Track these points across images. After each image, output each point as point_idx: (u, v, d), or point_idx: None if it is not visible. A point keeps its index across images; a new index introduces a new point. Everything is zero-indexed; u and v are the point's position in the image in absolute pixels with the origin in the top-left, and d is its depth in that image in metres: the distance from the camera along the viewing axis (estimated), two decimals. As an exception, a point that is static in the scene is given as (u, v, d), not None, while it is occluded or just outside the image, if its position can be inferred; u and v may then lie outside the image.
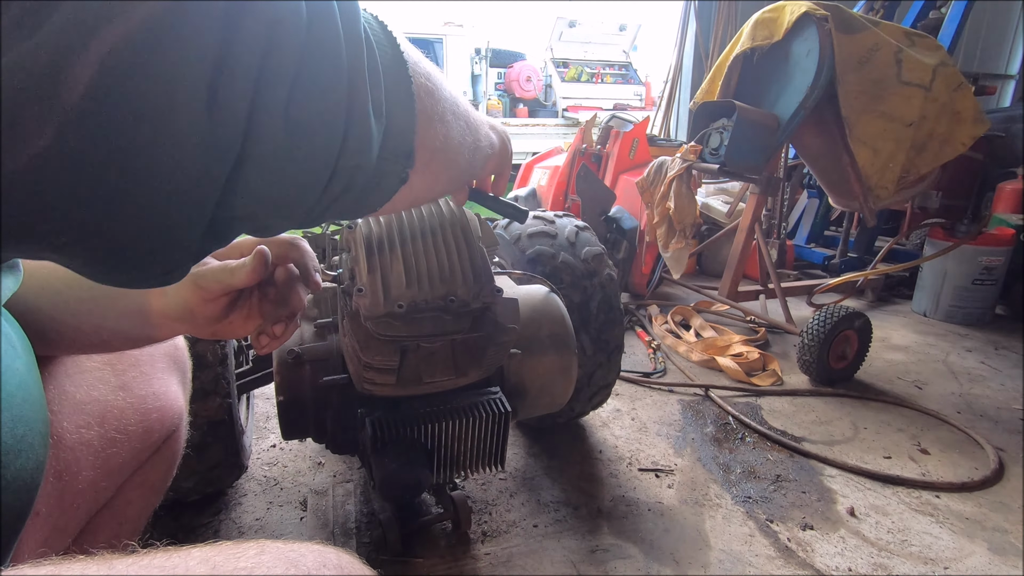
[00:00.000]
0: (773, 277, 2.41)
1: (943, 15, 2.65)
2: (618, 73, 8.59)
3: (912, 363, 2.35)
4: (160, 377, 0.73)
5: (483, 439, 1.08)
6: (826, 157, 2.34)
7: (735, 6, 5.52)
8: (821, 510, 1.44)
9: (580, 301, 1.45)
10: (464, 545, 1.27)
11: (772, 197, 3.11)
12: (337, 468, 1.53)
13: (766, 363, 2.25)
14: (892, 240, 2.86)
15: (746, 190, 3.07)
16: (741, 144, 2.10)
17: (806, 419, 1.89)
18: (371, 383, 0.95)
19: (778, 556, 1.28)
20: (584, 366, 1.44)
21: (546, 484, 1.50)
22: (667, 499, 1.46)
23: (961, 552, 1.31)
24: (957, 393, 2.10)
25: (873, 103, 2.02)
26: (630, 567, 1.23)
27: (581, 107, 7.87)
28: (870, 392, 2.08)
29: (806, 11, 2.01)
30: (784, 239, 3.37)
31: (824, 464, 1.63)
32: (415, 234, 0.92)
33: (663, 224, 2.45)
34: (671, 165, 2.40)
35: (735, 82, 2.30)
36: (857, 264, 3.27)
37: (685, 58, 5.93)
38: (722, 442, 1.73)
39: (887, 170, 2.07)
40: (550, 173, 3.57)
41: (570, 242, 1.51)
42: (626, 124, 3.34)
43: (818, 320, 2.07)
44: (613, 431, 1.77)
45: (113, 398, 0.66)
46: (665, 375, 2.19)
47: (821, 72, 1.97)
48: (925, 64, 2.04)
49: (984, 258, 2.68)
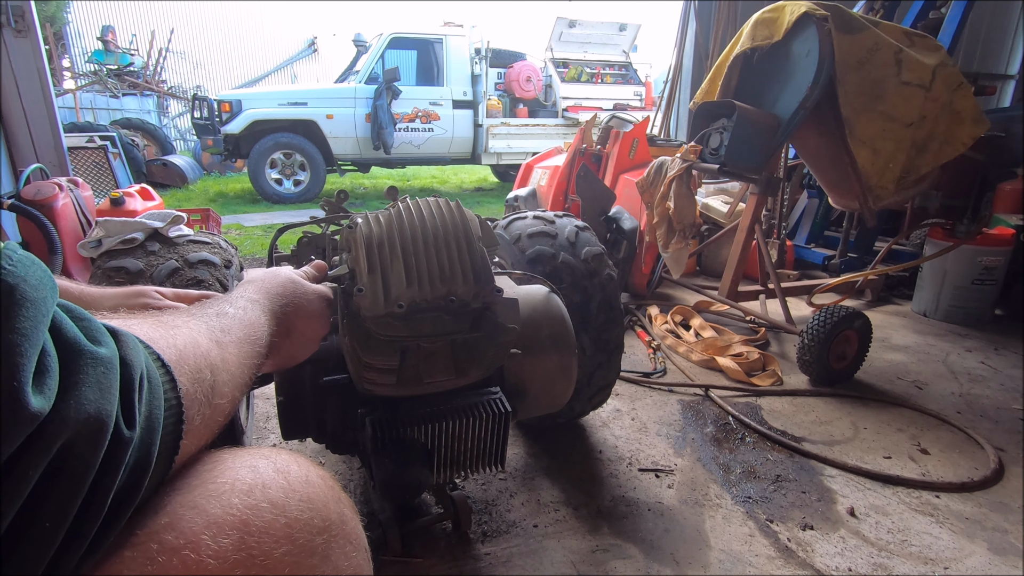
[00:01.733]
0: (773, 277, 2.41)
1: (943, 15, 2.65)
2: (618, 73, 8.57)
3: (912, 363, 2.35)
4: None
5: (483, 439, 1.08)
6: (826, 157, 2.34)
7: (735, 6, 5.51)
8: (821, 510, 1.44)
9: (580, 301, 1.44)
10: (464, 545, 1.27)
11: (772, 197, 3.11)
12: (337, 468, 1.53)
13: (766, 363, 2.25)
14: (892, 240, 2.86)
15: (746, 190, 3.07)
16: (741, 144, 2.10)
17: (806, 419, 1.89)
18: (371, 383, 0.95)
19: (778, 556, 1.28)
20: (584, 366, 1.44)
21: (546, 484, 1.50)
22: (667, 499, 1.45)
23: (961, 552, 1.31)
24: (957, 393, 2.10)
25: (873, 103, 2.02)
26: (630, 567, 1.23)
27: (581, 107, 7.86)
28: (870, 392, 2.07)
29: (806, 11, 2.00)
30: (784, 239, 3.37)
31: (824, 464, 1.63)
32: (415, 234, 0.92)
33: (663, 224, 2.45)
34: (671, 165, 2.39)
35: (735, 82, 2.30)
36: (857, 264, 3.27)
37: (685, 58, 5.92)
38: (722, 442, 1.73)
39: (887, 170, 2.06)
40: (550, 173, 3.57)
41: (570, 242, 1.51)
42: (626, 124, 3.34)
43: (818, 320, 2.07)
44: (613, 431, 1.77)
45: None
46: (665, 375, 2.19)
47: (821, 72, 1.97)
48: (925, 64, 2.04)
49: (984, 258, 2.68)
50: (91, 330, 0.35)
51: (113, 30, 10.50)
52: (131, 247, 1.23)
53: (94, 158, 4.99)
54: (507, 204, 3.65)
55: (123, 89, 9.53)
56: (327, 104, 6.68)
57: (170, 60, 12.06)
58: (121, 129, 7.10)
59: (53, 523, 0.30)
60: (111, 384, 0.33)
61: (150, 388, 0.38)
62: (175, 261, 1.21)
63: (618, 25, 8.48)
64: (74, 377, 0.31)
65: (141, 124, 8.32)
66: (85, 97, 8.92)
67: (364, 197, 7.18)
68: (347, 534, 0.48)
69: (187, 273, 1.19)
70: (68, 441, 0.30)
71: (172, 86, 11.85)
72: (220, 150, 6.66)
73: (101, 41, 10.12)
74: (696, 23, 5.75)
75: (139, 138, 7.52)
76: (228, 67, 13.75)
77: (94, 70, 9.95)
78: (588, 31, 8.37)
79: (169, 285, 1.14)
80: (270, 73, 13.99)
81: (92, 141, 5.01)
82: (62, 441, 0.30)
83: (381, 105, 6.62)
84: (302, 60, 14.28)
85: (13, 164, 3.11)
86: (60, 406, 0.30)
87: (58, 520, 0.30)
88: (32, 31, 3.03)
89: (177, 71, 12.50)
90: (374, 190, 7.84)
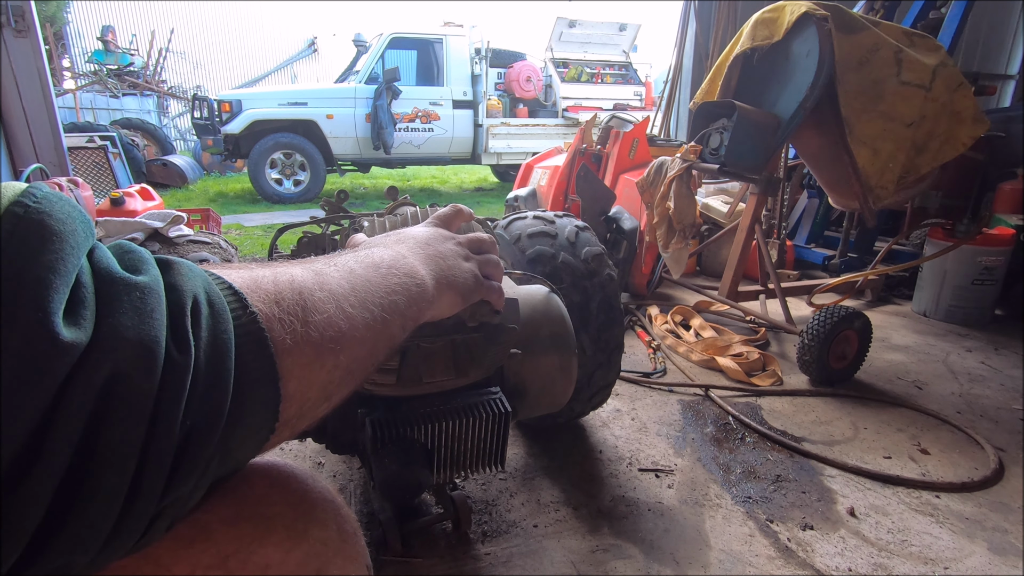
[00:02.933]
0: (773, 277, 2.41)
1: (943, 15, 2.65)
2: (618, 73, 8.58)
3: (912, 363, 2.35)
4: None
5: (483, 439, 1.08)
6: (826, 157, 2.34)
7: (735, 6, 5.51)
8: (821, 510, 1.44)
9: (580, 301, 1.45)
10: (464, 545, 1.27)
11: (772, 197, 3.11)
12: (337, 468, 1.53)
13: (766, 363, 2.25)
14: (892, 240, 2.86)
15: (746, 190, 3.07)
16: (741, 144, 2.10)
17: (806, 419, 1.89)
18: (371, 383, 0.95)
19: (778, 556, 1.28)
20: (584, 366, 1.44)
21: (546, 484, 1.50)
22: (667, 499, 1.45)
23: (961, 552, 1.31)
24: (957, 393, 2.10)
25: (873, 103, 2.02)
26: (630, 567, 1.23)
27: (581, 107, 7.86)
28: (870, 392, 2.08)
29: (806, 11, 2.00)
30: (784, 239, 3.37)
31: (824, 464, 1.63)
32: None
33: (663, 224, 2.45)
34: (671, 165, 2.39)
35: (735, 82, 2.30)
36: (857, 264, 3.27)
37: (685, 58, 5.92)
38: (722, 442, 1.73)
39: (887, 170, 2.06)
40: (550, 173, 3.57)
41: (570, 242, 1.51)
42: (626, 124, 3.34)
43: (818, 320, 2.07)
44: (613, 431, 1.77)
45: None
46: (665, 375, 2.19)
47: (821, 72, 1.97)
48: (925, 64, 2.04)
49: (984, 258, 2.68)
50: (135, 260, 0.34)
51: (113, 30, 10.51)
52: (131, 247, 1.23)
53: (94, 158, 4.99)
54: (507, 204, 3.65)
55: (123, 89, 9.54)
56: (327, 104, 6.69)
57: (170, 60, 12.06)
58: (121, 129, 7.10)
59: (117, 460, 0.29)
60: (151, 309, 0.32)
61: (212, 312, 0.36)
62: (175, 261, 1.20)
63: (618, 25, 8.48)
64: (107, 307, 0.30)
65: (141, 124, 8.32)
66: (85, 97, 8.92)
67: (364, 197, 7.18)
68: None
69: (187, 273, 1.19)
70: (114, 370, 0.29)
71: (172, 86, 11.86)
72: (220, 150, 6.66)
73: (101, 41, 10.12)
74: (696, 23, 5.75)
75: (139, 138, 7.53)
76: (228, 67, 13.76)
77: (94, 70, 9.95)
78: (588, 31, 8.38)
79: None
80: (270, 73, 14.00)
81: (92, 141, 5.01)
82: (106, 372, 0.29)
83: (381, 105, 6.62)
84: (302, 60, 14.29)
85: (13, 164, 3.11)
86: (96, 335, 0.29)
87: (121, 456, 0.29)
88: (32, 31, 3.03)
89: (177, 71, 12.50)
90: (374, 190, 7.84)
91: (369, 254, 0.54)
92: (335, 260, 0.51)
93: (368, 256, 0.54)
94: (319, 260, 0.51)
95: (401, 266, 0.55)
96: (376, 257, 0.54)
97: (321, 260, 0.51)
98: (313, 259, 0.51)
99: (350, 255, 0.54)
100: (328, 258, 0.52)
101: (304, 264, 0.48)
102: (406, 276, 0.55)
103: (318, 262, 0.50)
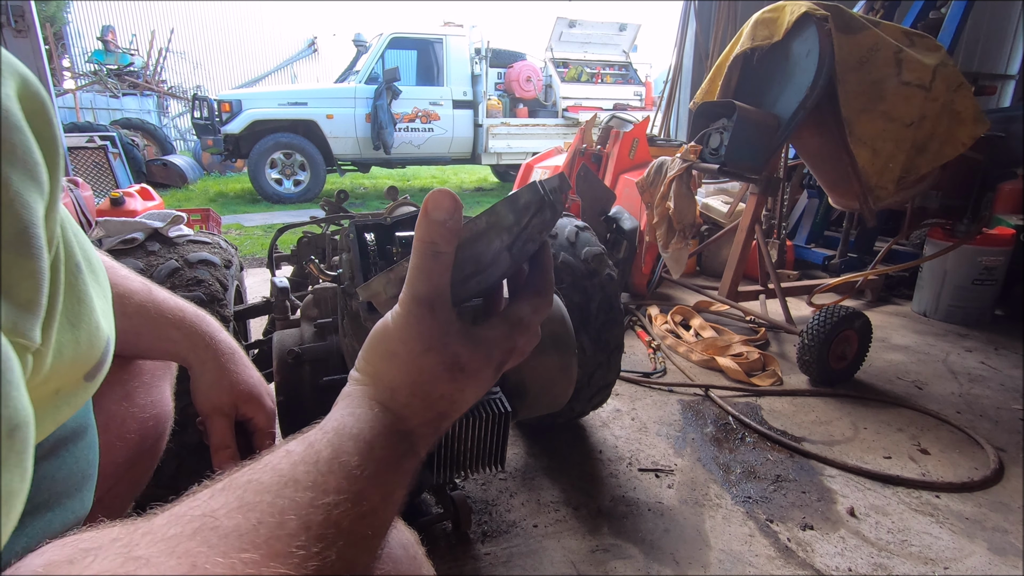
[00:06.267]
0: (773, 277, 2.41)
1: (943, 15, 2.65)
2: (618, 73, 8.58)
3: (912, 363, 2.35)
4: (158, 385, 0.74)
5: (483, 439, 1.08)
6: (826, 157, 2.34)
7: (735, 6, 5.51)
8: (821, 510, 1.44)
9: (580, 301, 1.45)
10: (464, 545, 1.27)
11: (772, 197, 3.10)
12: (337, 468, 1.53)
13: (766, 363, 2.25)
14: (892, 240, 2.86)
15: (746, 190, 3.07)
16: (741, 144, 2.10)
17: (806, 419, 1.89)
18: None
19: (778, 556, 1.28)
20: (584, 366, 1.44)
21: (546, 484, 1.50)
22: (667, 499, 1.45)
23: (961, 552, 1.31)
24: (957, 393, 2.10)
25: (873, 103, 2.02)
26: (630, 567, 1.23)
27: (581, 107, 7.86)
28: (870, 392, 2.08)
29: (806, 11, 2.00)
30: (784, 239, 3.37)
31: (824, 464, 1.63)
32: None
33: (663, 224, 2.45)
34: (671, 165, 2.39)
35: (735, 82, 2.30)
36: (857, 264, 3.27)
37: (685, 58, 5.92)
38: (722, 442, 1.73)
39: (887, 170, 2.06)
40: (550, 173, 3.57)
41: (570, 242, 1.51)
42: (626, 124, 3.34)
43: (818, 320, 2.06)
44: (613, 431, 1.77)
45: (116, 408, 0.66)
46: (665, 375, 2.19)
47: (821, 72, 1.97)
48: (925, 64, 2.04)
49: (984, 258, 2.68)
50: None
51: (113, 30, 10.50)
52: (131, 247, 1.23)
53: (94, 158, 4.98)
54: (507, 204, 3.64)
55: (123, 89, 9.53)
56: (327, 104, 6.69)
57: (170, 60, 12.05)
58: (121, 129, 7.10)
59: None
60: None
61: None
62: (175, 261, 1.21)
63: (618, 25, 8.48)
64: None
65: (141, 124, 8.31)
66: (85, 97, 8.92)
67: (364, 197, 7.18)
68: None
69: (187, 273, 1.19)
70: None
71: (172, 86, 11.85)
72: (220, 150, 6.66)
73: (101, 41, 10.12)
74: (696, 23, 5.75)
75: (139, 138, 7.52)
76: (228, 67, 13.75)
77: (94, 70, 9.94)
78: (588, 31, 8.37)
79: (169, 285, 1.14)
80: (270, 73, 13.99)
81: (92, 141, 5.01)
82: None
83: (381, 105, 6.62)
84: (302, 60, 14.28)
85: (13, 164, 3.11)
86: None
87: None
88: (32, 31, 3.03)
89: (177, 71, 12.49)
90: (374, 190, 7.84)
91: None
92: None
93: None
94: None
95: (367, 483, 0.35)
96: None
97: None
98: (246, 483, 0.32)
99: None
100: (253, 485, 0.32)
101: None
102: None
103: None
